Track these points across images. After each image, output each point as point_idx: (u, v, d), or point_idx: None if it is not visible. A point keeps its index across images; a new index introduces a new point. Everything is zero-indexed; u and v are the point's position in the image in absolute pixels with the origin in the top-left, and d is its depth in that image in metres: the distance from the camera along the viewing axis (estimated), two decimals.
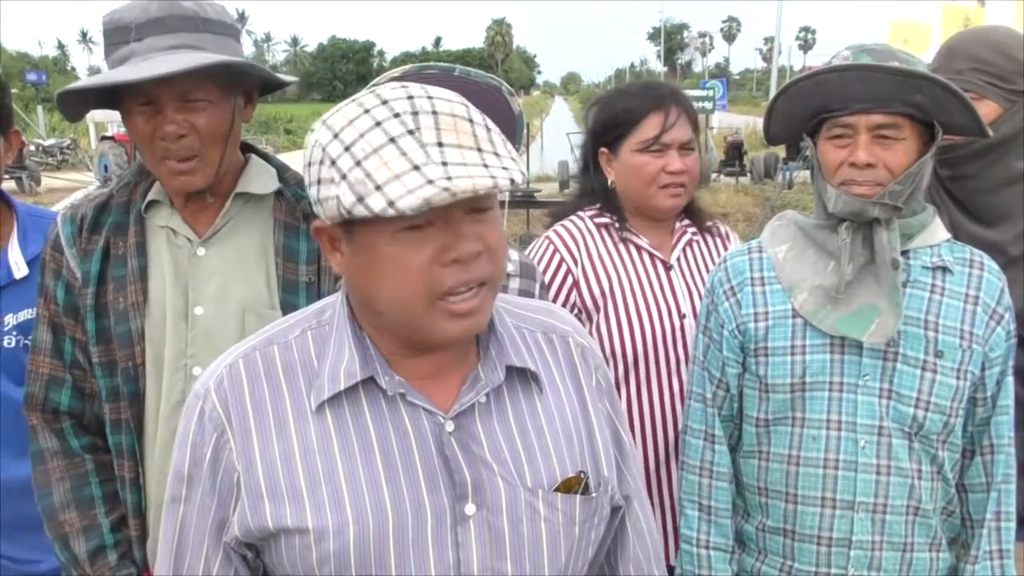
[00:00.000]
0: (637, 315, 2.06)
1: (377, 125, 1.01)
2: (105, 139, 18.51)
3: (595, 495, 1.19)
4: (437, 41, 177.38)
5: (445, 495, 1.10)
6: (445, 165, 0.98)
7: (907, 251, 1.66)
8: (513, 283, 1.91)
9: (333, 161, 1.02)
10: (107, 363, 1.63)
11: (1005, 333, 1.67)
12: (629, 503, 1.31)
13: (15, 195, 2.00)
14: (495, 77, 1.83)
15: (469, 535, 1.11)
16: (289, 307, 1.56)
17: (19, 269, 1.86)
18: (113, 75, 1.50)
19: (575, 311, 2.08)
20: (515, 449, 1.15)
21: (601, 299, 2.07)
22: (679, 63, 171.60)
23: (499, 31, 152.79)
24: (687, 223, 2.19)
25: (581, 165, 2.24)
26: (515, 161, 1.04)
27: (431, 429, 1.12)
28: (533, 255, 2.14)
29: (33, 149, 22.97)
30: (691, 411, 1.82)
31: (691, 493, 1.79)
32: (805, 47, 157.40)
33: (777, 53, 34.72)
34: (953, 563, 1.72)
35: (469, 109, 1.05)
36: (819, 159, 1.66)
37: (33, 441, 1.71)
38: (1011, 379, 1.69)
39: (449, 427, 1.12)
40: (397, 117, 1.01)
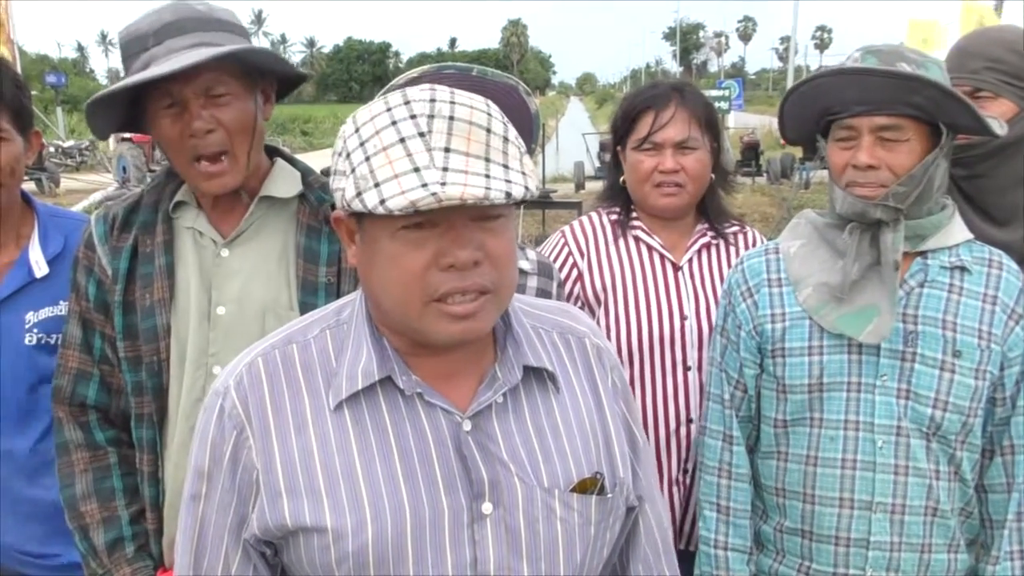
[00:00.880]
0: (636, 312, 2.06)
1: (393, 124, 1.02)
2: (123, 141, 18.61)
3: (611, 496, 1.20)
4: (452, 42, 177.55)
5: (462, 494, 1.11)
6: (445, 171, 0.98)
7: (924, 252, 1.66)
8: (531, 281, 1.92)
9: (349, 154, 1.04)
10: (133, 358, 1.66)
11: None
12: (643, 503, 1.31)
13: (35, 196, 2.03)
14: (512, 77, 1.84)
15: (486, 533, 1.11)
16: (308, 308, 1.56)
17: (40, 268, 1.88)
18: (140, 75, 1.53)
19: (579, 303, 2.09)
20: (531, 449, 1.15)
21: (603, 293, 2.08)
22: (695, 63, 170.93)
23: (514, 31, 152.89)
24: (706, 226, 2.16)
25: (611, 163, 2.23)
26: (526, 175, 1.03)
27: (448, 428, 1.12)
28: (545, 248, 2.16)
29: (52, 150, 23.09)
30: (709, 412, 1.82)
31: (709, 494, 1.79)
32: (821, 46, 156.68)
33: (793, 53, 34.69)
34: (972, 564, 1.72)
35: (491, 119, 1.04)
36: (828, 160, 1.66)
37: (58, 433, 1.74)
38: None
39: (466, 426, 1.12)
40: (413, 119, 1.02)
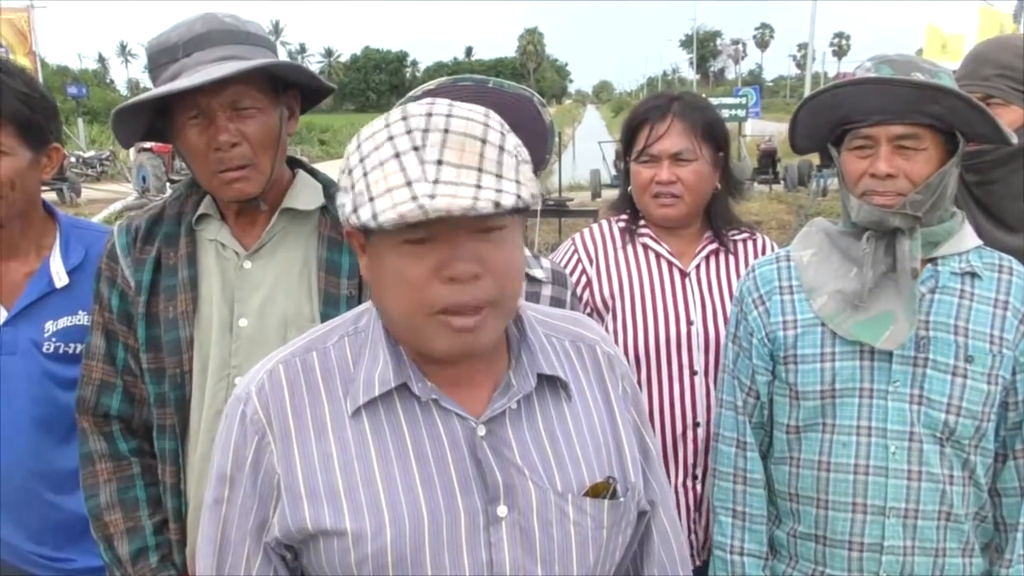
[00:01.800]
0: (643, 318, 2.09)
1: (390, 140, 1.04)
2: (143, 151, 18.77)
3: (623, 500, 1.21)
4: (469, 51, 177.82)
5: (478, 497, 1.13)
6: (436, 183, 0.99)
7: (935, 258, 1.67)
8: (545, 290, 1.94)
9: (351, 170, 1.07)
10: (156, 370, 1.68)
11: None
12: (655, 508, 1.33)
13: (56, 206, 2.05)
14: (527, 88, 1.87)
15: (502, 535, 1.13)
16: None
17: (60, 279, 1.89)
18: (168, 86, 1.56)
19: (587, 310, 2.12)
20: (545, 454, 1.17)
21: (611, 299, 2.12)
22: (712, 70, 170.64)
23: (531, 40, 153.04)
24: (711, 234, 2.19)
25: (623, 172, 2.30)
26: (520, 184, 1.03)
27: (464, 434, 1.14)
28: (556, 255, 2.21)
29: (73, 161, 23.34)
30: (722, 419, 1.83)
31: (724, 500, 1.80)
32: (839, 53, 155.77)
33: (811, 60, 34.45)
34: (986, 568, 1.72)
35: (487, 129, 1.05)
36: (842, 169, 1.67)
37: (83, 443, 1.76)
38: None
39: (481, 432, 1.14)
40: (409, 133, 1.03)
